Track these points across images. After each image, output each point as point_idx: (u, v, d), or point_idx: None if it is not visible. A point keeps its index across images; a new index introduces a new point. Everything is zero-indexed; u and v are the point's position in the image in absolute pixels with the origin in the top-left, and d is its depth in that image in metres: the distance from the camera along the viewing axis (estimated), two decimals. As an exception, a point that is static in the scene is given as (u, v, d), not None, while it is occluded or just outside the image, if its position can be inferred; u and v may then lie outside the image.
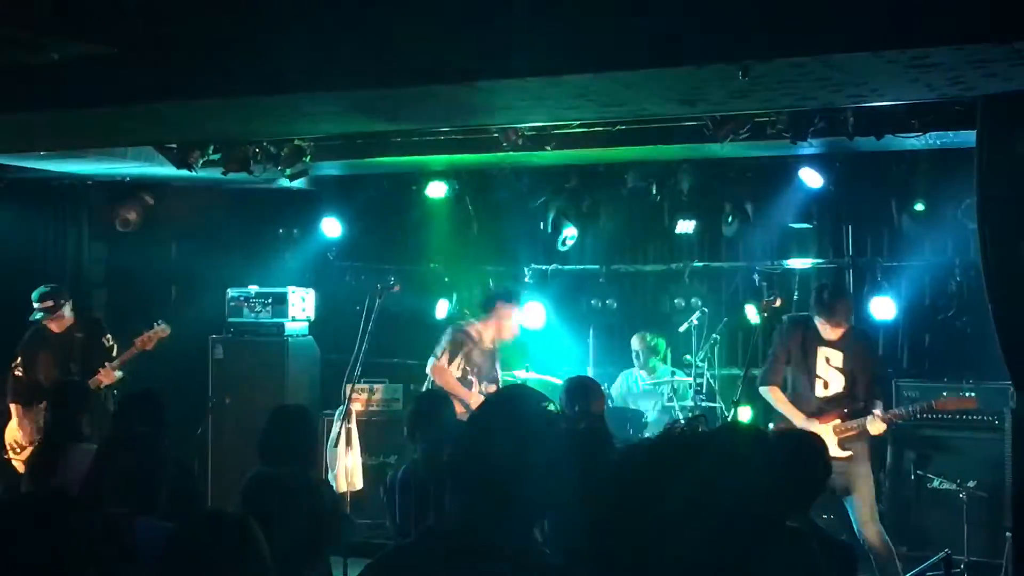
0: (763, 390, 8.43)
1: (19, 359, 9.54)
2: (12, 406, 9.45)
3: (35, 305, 9.52)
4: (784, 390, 8.34)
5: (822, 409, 8.13)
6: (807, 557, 4.31)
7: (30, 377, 9.42)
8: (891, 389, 9.25)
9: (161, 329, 9.51)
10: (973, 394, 8.54)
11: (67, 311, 9.57)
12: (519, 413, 2.92)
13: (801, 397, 8.24)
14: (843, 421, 8.07)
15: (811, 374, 8.23)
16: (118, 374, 9.33)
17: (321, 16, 5.98)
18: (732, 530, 2.28)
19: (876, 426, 8.05)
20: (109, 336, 9.51)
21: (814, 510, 6.72)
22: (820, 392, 8.21)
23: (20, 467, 9.05)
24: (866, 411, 8.07)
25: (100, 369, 9.23)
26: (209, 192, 11.28)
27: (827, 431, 7.88)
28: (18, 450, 9.19)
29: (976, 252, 6.49)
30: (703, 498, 2.28)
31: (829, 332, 8.19)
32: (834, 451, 7.77)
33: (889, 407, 8.50)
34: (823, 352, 8.20)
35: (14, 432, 9.33)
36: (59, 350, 9.43)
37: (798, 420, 8.09)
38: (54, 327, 9.52)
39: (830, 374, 8.19)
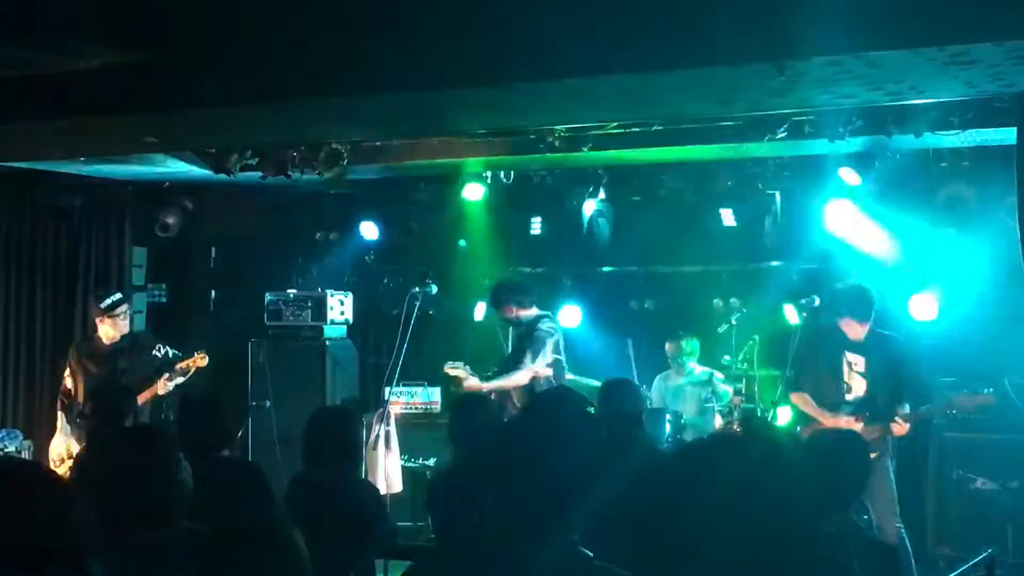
0: (792, 397, 8.46)
1: (68, 369, 9.61)
2: (59, 415, 9.53)
3: (101, 305, 9.57)
4: (812, 396, 8.35)
5: (848, 413, 8.13)
6: (843, 559, 4.30)
7: (76, 387, 9.47)
8: (933, 388, 9.20)
9: (200, 356, 9.49)
10: (991, 390, 8.49)
11: (125, 322, 9.59)
12: (561, 417, 2.92)
13: (828, 402, 8.26)
14: (865, 425, 8.05)
15: (837, 380, 8.26)
16: (173, 384, 9.34)
17: (358, 20, 6.00)
18: (768, 530, 2.28)
19: (898, 427, 8.05)
20: (160, 346, 9.52)
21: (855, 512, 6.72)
22: (845, 397, 8.22)
23: None
24: (888, 413, 8.07)
25: (159, 380, 9.23)
26: (247, 196, 11.34)
27: None
28: (57, 463, 9.20)
29: (1018, 250, 6.43)
30: (740, 498, 2.27)
31: (852, 333, 8.19)
32: None
33: (924, 405, 8.48)
34: (847, 357, 8.23)
35: (57, 446, 9.38)
36: (105, 364, 9.47)
37: (826, 419, 8.10)
38: (105, 339, 9.55)
39: (854, 379, 8.23)
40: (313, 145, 9.13)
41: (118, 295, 9.63)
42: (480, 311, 11.04)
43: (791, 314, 9.77)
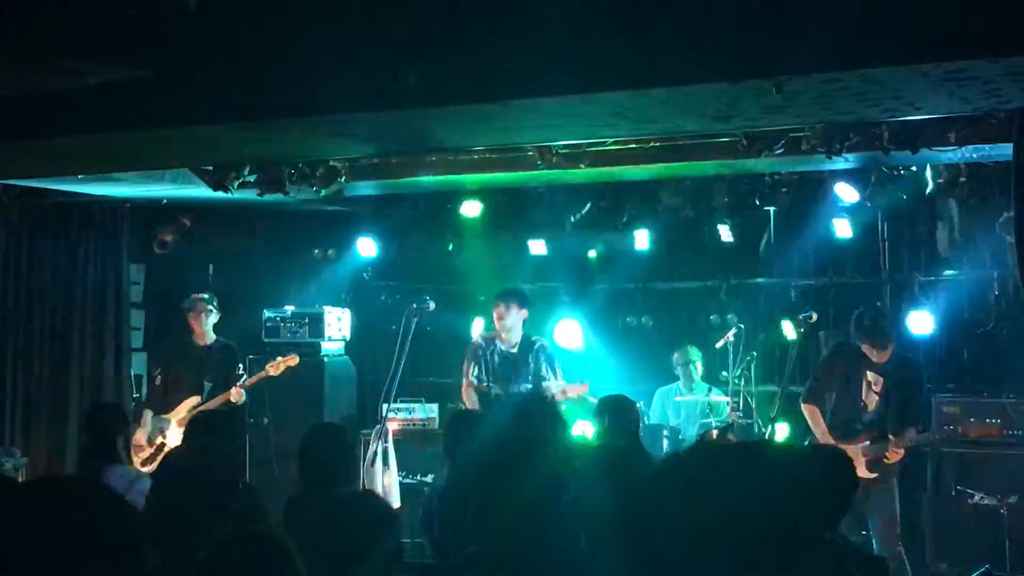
0: (803, 407, 8.45)
1: (160, 367, 9.99)
2: (145, 411, 9.83)
3: (182, 304, 9.99)
4: (825, 410, 8.34)
5: (858, 431, 8.17)
6: (839, 570, 4.29)
7: (166, 385, 9.78)
8: (930, 404, 9.20)
9: (291, 357, 9.93)
10: (998, 421, 8.47)
11: (212, 321, 9.93)
12: (535, 430, 2.94)
13: (841, 418, 8.27)
14: (872, 444, 8.09)
15: (855, 397, 8.28)
16: (244, 395, 9.69)
17: (351, 37, 6.01)
18: (763, 543, 2.28)
19: (893, 453, 8.07)
20: (240, 365, 9.91)
21: (851, 526, 6.69)
22: (860, 415, 8.24)
23: (138, 465, 9.17)
24: (896, 435, 8.10)
25: (232, 388, 9.57)
26: (245, 213, 11.34)
27: (857, 453, 7.90)
28: (137, 450, 9.45)
29: (1014, 265, 6.44)
30: (735, 512, 2.28)
31: (875, 356, 8.21)
32: (862, 472, 7.80)
33: (928, 428, 8.51)
34: (868, 376, 8.24)
35: (138, 438, 9.56)
36: (197, 364, 9.80)
37: (823, 441, 8.14)
38: (197, 339, 9.90)
39: (871, 397, 8.23)
40: (310, 162, 9.14)
41: (195, 296, 10.06)
42: (478, 327, 11.03)
43: (788, 330, 9.77)
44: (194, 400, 9.55)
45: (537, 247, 11.01)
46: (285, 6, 6.14)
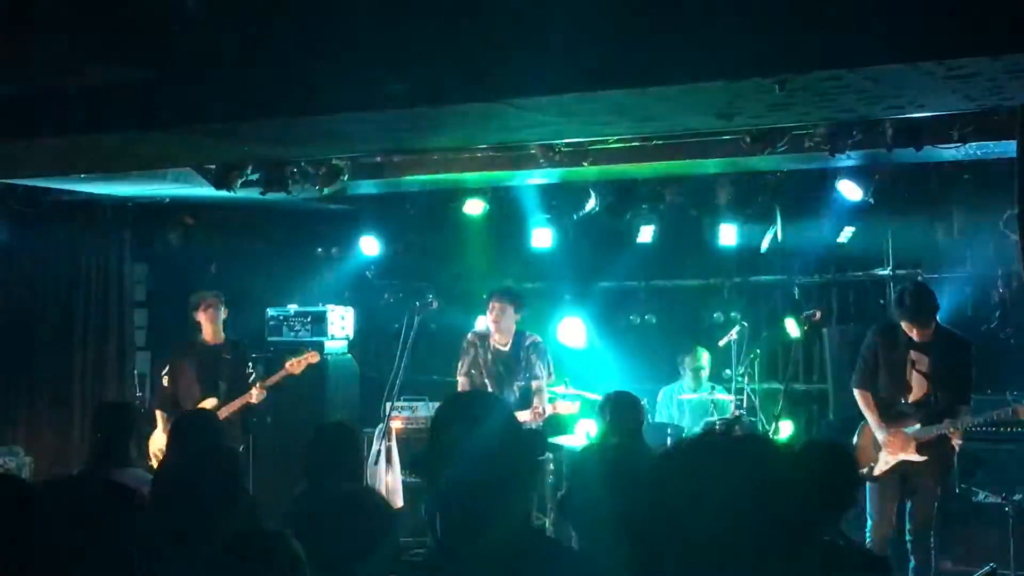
0: (856, 393, 8.31)
1: (167, 367, 9.77)
2: (157, 413, 9.67)
3: (191, 300, 9.81)
4: (874, 393, 8.22)
5: (905, 413, 8.02)
6: (839, 570, 4.28)
7: (175, 386, 9.62)
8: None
9: (311, 354, 9.81)
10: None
11: (223, 317, 9.78)
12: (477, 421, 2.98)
13: (887, 401, 8.14)
14: (923, 426, 7.95)
15: (899, 378, 8.10)
16: (265, 393, 9.59)
17: (356, 37, 6.00)
18: (763, 541, 2.26)
19: (953, 435, 7.93)
20: (251, 363, 9.81)
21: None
22: (905, 396, 8.09)
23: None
24: (949, 416, 7.94)
25: (253, 389, 9.48)
26: (248, 212, 11.34)
27: (907, 436, 7.83)
28: (160, 456, 9.29)
29: (1018, 263, 6.42)
30: (735, 509, 2.26)
31: (917, 335, 8.06)
32: (911, 455, 7.73)
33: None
34: (911, 356, 8.06)
35: (157, 440, 9.45)
36: (207, 365, 9.62)
37: (875, 426, 8.03)
38: (207, 337, 9.70)
39: (915, 378, 8.06)
40: (313, 161, 9.13)
41: (204, 292, 9.89)
42: (481, 326, 11.02)
43: (792, 328, 9.76)
44: (212, 402, 9.41)
45: (540, 245, 10.99)
46: (285, 6, 6.14)
